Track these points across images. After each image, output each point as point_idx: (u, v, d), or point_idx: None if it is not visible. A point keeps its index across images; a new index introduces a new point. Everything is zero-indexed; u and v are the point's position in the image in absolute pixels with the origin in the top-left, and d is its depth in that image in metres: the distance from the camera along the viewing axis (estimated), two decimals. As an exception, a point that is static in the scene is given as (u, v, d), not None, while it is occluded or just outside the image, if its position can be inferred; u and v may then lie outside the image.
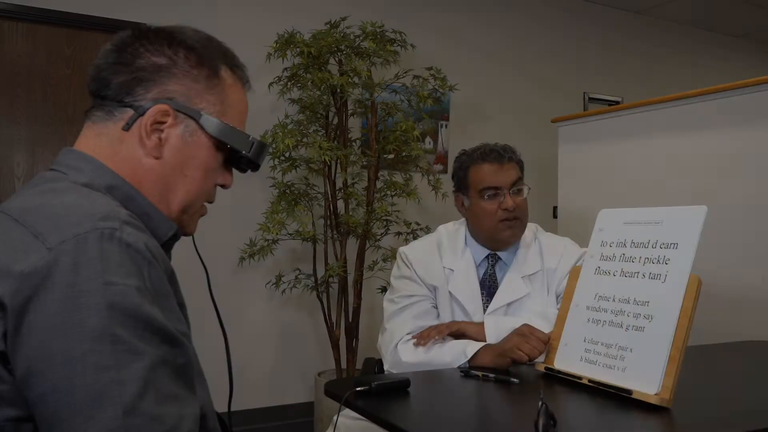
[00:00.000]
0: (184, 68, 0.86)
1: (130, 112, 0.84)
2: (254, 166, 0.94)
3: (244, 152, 0.90)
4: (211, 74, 0.88)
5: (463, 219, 1.86)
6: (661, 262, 1.21)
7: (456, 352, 1.54)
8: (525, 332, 1.45)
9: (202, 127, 0.86)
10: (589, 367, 1.26)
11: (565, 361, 1.32)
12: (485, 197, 1.71)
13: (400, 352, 1.64)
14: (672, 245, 1.20)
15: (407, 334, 1.67)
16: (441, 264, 1.78)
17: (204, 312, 1.03)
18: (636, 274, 1.25)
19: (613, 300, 1.27)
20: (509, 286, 1.72)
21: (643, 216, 1.30)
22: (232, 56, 0.92)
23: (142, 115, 0.83)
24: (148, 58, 0.84)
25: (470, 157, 1.77)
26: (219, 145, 0.89)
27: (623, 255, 1.30)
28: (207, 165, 0.89)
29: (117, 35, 0.88)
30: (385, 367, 1.69)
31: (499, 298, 1.71)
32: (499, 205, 1.70)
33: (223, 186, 0.94)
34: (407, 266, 1.79)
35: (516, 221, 1.72)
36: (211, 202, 0.95)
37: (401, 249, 1.85)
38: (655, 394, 1.11)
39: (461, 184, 1.79)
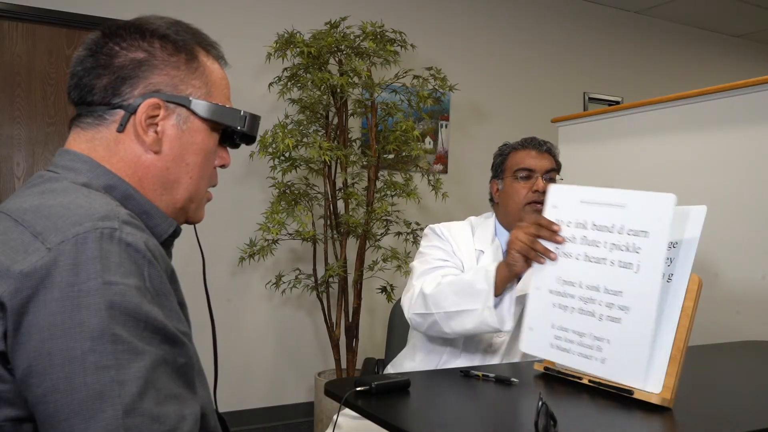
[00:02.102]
0: (163, 58, 0.85)
1: (120, 112, 0.83)
2: (250, 139, 0.94)
3: (239, 128, 0.90)
4: (189, 58, 0.87)
5: (491, 212, 1.88)
6: (630, 250, 1.18)
7: (478, 273, 1.52)
8: (515, 230, 1.36)
9: (193, 112, 0.86)
10: (562, 355, 1.25)
11: (533, 345, 1.31)
12: (518, 178, 1.76)
13: (424, 287, 1.60)
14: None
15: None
16: (473, 245, 1.80)
17: (204, 311, 1.03)
18: (604, 261, 1.21)
19: (580, 287, 1.24)
20: None
21: (604, 197, 1.25)
22: (203, 36, 0.92)
23: (133, 113, 0.83)
24: (125, 55, 0.84)
25: (511, 146, 1.85)
26: (213, 126, 0.89)
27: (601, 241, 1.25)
28: (205, 148, 0.89)
29: (87, 38, 0.87)
30: (407, 316, 1.64)
31: (521, 287, 1.71)
32: (530, 187, 1.74)
33: (222, 166, 0.95)
34: (440, 237, 1.80)
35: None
36: (214, 185, 0.95)
37: (433, 225, 1.85)
38: (657, 394, 1.11)
39: (498, 170, 1.85)
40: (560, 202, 1.30)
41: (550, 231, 1.29)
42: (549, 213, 1.31)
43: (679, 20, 5.27)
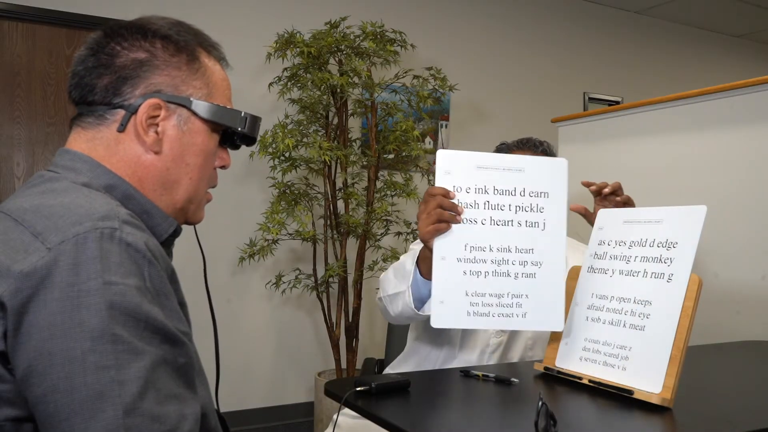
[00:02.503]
0: (164, 58, 0.85)
1: (121, 112, 0.84)
2: (250, 141, 0.94)
3: (239, 129, 0.91)
4: (190, 59, 0.87)
5: None
6: (535, 210, 1.25)
7: (410, 254, 1.50)
8: (419, 220, 1.27)
9: (194, 113, 0.86)
10: (482, 320, 1.26)
11: (447, 319, 1.29)
12: None
13: (382, 275, 1.61)
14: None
15: None
16: None
17: (204, 310, 1.03)
18: (511, 223, 1.27)
19: (491, 250, 1.27)
20: None
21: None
22: (204, 37, 0.92)
23: (134, 113, 0.83)
24: (127, 55, 0.84)
25: (508, 145, 1.84)
26: (214, 127, 0.89)
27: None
28: (206, 149, 0.89)
29: (89, 38, 0.87)
30: (380, 304, 1.62)
31: None
32: None
33: (223, 167, 0.95)
34: None
35: None
36: (214, 186, 0.95)
37: None
38: (657, 394, 1.11)
39: None
40: (453, 168, 1.29)
41: (449, 199, 1.25)
42: (442, 180, 1.28)
43: (679, 20, 5.27)
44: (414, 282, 1.44)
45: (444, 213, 1.26)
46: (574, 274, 1.40)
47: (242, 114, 0.91)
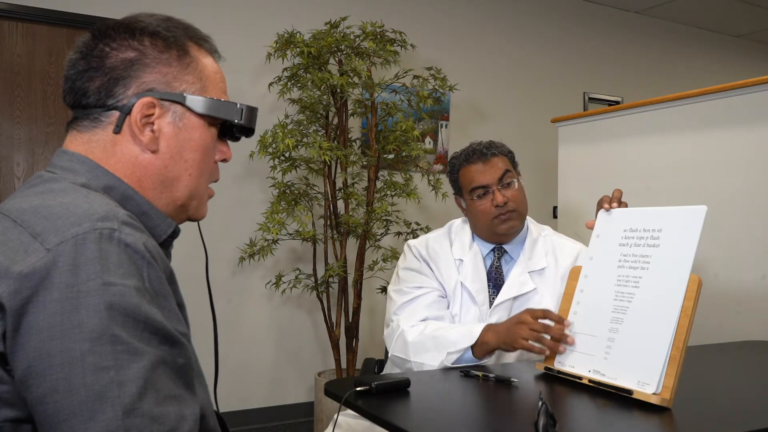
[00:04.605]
0: (154, 56, 0.84)
1: (116, 113, 0.83)
2: (248, 132, 0.93)
3: (236, 121, 0.90)
4: (181, 54, 0.86)
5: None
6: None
7: (462, 333, 1.55)
8: (525, 320, 1.42)
9: (189, 109, 0.86)
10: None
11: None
12: (475, 197, 1.75)
13: (407, 333, 1.64)
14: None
15: (420, 321, 1.69)
16: (452, 255, 1.79)
17: (204, 311, 1.03)
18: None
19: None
20: (516, 280, 1.73)
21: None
22: (194, 30, 0.91)
23: (128, 113, 0.83)
24: (116, 55, 0.83)
25: (458, 160, 1.82)
26: (210, 121, 0.89)
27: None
28: (204, 144, 0.88)
29: (78, 41, 0.86)
30: (391, 353, 1.69)
31: (506, 292, 1.72)
32: (490, 203, 1.73)
33: (224, 160, 0.94)
34: (417, 259, 1.80)
35: (511, 213, 1.73)
36: (216, 181, 0.94)
37: (411, 242, 1.85)
38: (656, 394, 1.11)
39: (456, 187, 1.85)
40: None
41: (559, 331, 1.34)
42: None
43: (679, 20, 5.27)
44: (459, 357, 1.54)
45: (544, 340, 1.37)
46: (575, 275, 1.40)
47: (237, 105, 0.90)
